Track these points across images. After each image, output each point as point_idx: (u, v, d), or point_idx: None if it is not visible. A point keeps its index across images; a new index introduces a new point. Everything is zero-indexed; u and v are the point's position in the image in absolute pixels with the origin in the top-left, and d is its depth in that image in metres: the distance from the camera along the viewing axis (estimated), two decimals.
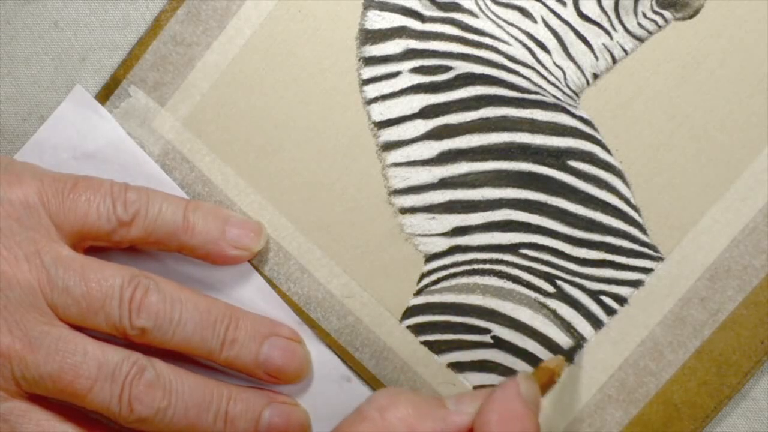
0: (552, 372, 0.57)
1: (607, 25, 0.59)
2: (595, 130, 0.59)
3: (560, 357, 0.59)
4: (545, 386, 0.57)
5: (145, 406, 0.56)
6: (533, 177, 0.60)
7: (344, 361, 0.62)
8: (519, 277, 0.60)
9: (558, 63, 0.60)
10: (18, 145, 0.63)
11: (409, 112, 0.61)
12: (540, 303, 0.60)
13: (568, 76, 0.60)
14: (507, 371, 0.61)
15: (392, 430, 0.54)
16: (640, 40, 0.59)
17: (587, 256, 0.60)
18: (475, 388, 0.61)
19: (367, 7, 0.61)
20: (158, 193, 0.60)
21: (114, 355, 0.57)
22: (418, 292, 0.61)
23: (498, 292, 0.61)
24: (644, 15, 0.59)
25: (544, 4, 0.59)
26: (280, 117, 0.62)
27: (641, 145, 0.59)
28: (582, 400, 0.60)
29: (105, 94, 0.63)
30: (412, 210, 0.61)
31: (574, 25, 0.59)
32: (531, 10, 0.60)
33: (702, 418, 0.59)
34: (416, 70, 0.61)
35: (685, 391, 0.59)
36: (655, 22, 0.59)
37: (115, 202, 0.58)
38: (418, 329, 0.61)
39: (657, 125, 0.59)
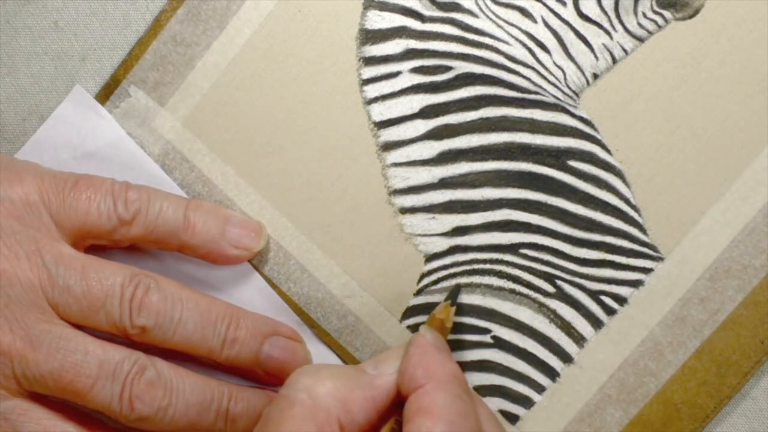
0: (442, 321, 0.57)
1: (607, 25, 0.59)
2: (595, 130, 0.59)
3: (445, 304, 0.58)
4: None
5: (146, 405, 0.56)
6: (533, 177, 0.60)
7: (344, 361, 0.62)
8: (519, 277, 0.60)
9: (558, 63, 0.60)
10: (18, 144, 0.63)
11: (409, 112, 0.61)
12: (540, 303, 0.60)
13: (568, 76, 0.60)
14: (507, 371, 0.61)
15: (325, 407, 0.53)
16: (640, 40, 0.59)
17: (587, 256, 0.60)
18: (475, 388, 0.61)
19: (367, 7, 0.61)
20: (159, 192, 0.60)
21: (115, 353, 0.57)
22: (418, 292, 0.61)
23: (498, 292, 0.61)
24: (644, 15, 0.59)
25: (544, 4, 0.59)
26: (280, 117, 0.62)
27: (641, 145, 0.59)
28: (582, 400, 0.60)
29: (105, 94, 0.63)
30: (412, 210, 0.61)
31: (574, 25, 0.59)
32: (531, 10, 0.60)
33: (702, 418, 0.59)
34: (416, 70, 0.61)
35: (685, 391, 0.59)
36: (655, 22, 0.59)
37: (116, 201, 0.58)
38: (418, 329, 0.61)
39: (657, 125, 0.59)
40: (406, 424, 0.52)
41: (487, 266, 0.61)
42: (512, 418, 0.61)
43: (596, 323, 0.60)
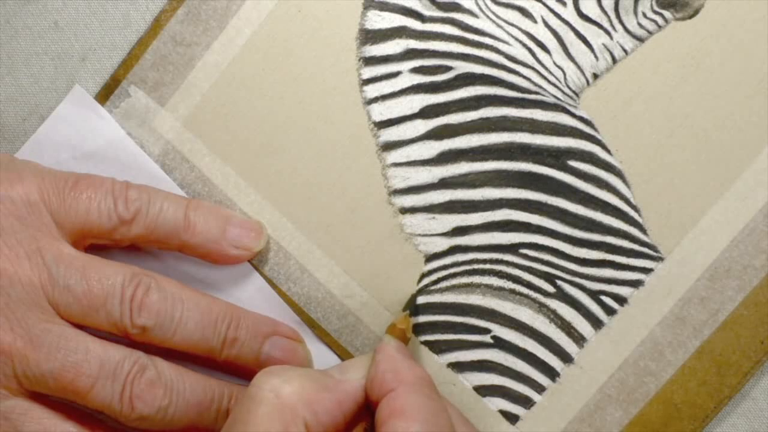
0: (403, 330, 0.58)
1: (607, 25, 0.59)
2: (595, 130, 0.59)
3: (405, 314, 0.59)
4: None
5: (146, 405, 0.56)
6: (533, 177, 0.60)
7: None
8: (519, 277, 0.60)
9: (558, 63, 0.60)
10: (18, 144, 0.63)
11: (409, 112, 0.61)
12: (540, 303, 0.60)
13: (568, 76, 0.60)
14: (507, 371, 0.61)
15: (291, 406, 0.53)
16: (640, 40, 0.59)
17: (587, 256, 0.60)
18: (475, 388, 0.61)
19: (367, 7, 0.61)
20: (159, 191, 0.60)
21: (115, 353, 0.57)
22: (418, 292, 0.61)
23: (498, 292, 0.61)
24: (644, 15, 0.59)
25: (544, 4, 0.60)
26: (280, 117, 0.62)
27: (641, 145, 0.59)
28: (582, 400, 0.60)
29: (105, 94, 0.63)
30: (412, 210, 0.61)
31: (574, 25, 0.59)
32: (531, 10, 0.60)
33: (702, 418, 0.59)
34: (416, 70, 0.61)
35: (685, 391, 0.59)
36: (655, 22, 0.59)
37: (117, 200, 0.58)
38: (418, 329, 0.61)
39: (657, 125, 0.59)
40: (380, 427, 0.53)
41: (487, 266, 0.61)
42: (512, 418, 0.61)
43: (596, 323, 0.60)
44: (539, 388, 0.60)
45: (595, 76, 0.59)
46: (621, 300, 0.60)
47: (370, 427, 0.55)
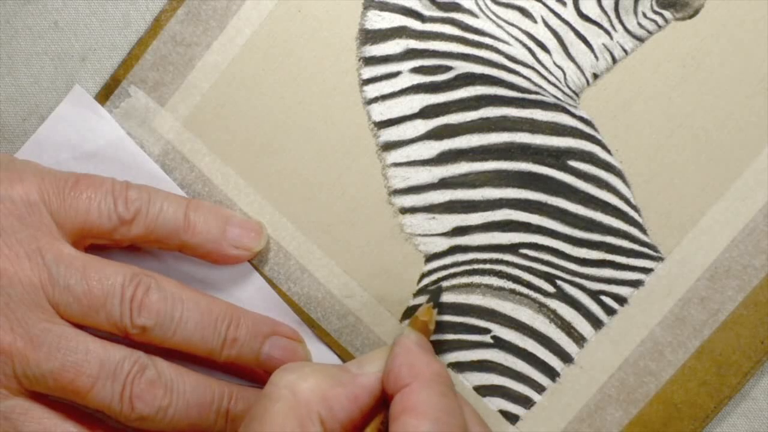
0: (426, 323, 0.58)
1: (607, 25, 0.59)
2: (595, 130, 0.59)
3: (427, 306, 0.58)
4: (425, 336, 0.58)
5: (146, 405, 0.56)
6: (533, 177, 0.60)
7: (344, 361, 0.62)
8: (519, 277, 0.60)
9: (558, 63, 0.60)
10: (18, 144, 0.63)
11: (409, 112, 0.61)
12: (540, 303, 0.60)
13: (568, 76, 0.60)
14: (507, 371, 0.61)
15: (306, 402, 0.53)
16: (640, 40, 0.59)
17: (587, 256, 0.60)
18: (475, 388, 0.61)
19: (367, 7, 0.61)
20: (159, 191, 0.60)
21: (115, 353, 0.57)
22: (418, 292, 0.61)
23: (498, 292, 0.61)
24: (644, 15, 0.59)
25: (544, 4, 0.60)
26: (280, 117, 0.62)
27: (641, 145, 0.59)
28: (582, 400, 0.60)
29: (105, 94, 0.63)
30: (412, 210, 0.61)
31: (574, 25, 0.59)
32: (531, 10, 0.60)
33: (702, 418, 0.59)
34: (416, 70, 0.61)
35: (685, 391, 0.59)
36: (655, 22, 0.59)
37: (117, 200, 0.58)
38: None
39: (657, 125, 0.59)
40: (393, 422, 0.52)
41: (487, 266, 0.61)
42: (512, 418, 0.61)
43: (596, 323, 0.60)
44: (539, 388, 0.60)
45: (595, 76, 0.59)
46: (621, 300, 0.60)
47: (387, 420, 0.54)
